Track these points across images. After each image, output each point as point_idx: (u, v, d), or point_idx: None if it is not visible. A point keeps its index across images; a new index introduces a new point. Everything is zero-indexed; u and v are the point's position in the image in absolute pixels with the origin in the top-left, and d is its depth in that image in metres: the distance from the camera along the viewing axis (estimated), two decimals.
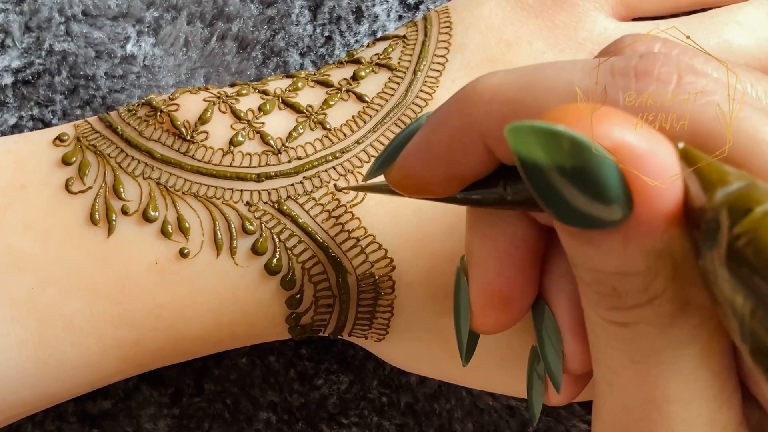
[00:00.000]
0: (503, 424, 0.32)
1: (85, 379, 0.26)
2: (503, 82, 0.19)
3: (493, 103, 0.19)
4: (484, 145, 0.19)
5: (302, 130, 0.27)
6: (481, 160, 0.20)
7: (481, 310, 0.22)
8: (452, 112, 0.20)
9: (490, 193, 0.20)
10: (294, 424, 0.32)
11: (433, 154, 0.20)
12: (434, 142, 0.20)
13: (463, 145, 0.20)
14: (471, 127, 0.19)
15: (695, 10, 0.31)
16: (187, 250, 0.26)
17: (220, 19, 0.34)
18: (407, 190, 0.22)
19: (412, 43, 0.29)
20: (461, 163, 0.20)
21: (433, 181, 0.21)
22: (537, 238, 0.22)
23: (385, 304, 0.27)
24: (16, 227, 0.26)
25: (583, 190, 0.16)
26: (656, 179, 0.16)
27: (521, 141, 0.16)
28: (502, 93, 0.19)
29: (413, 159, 0.21)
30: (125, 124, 0.28)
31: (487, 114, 0.19)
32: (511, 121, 0.17)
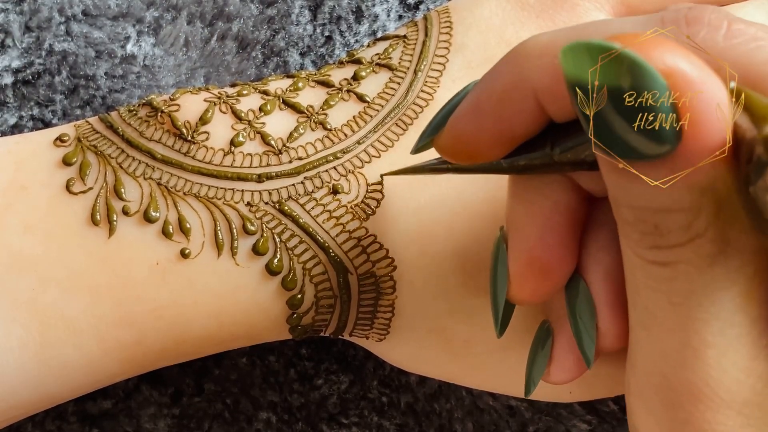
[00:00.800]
0: (503, 424, 0.32)
1: (86, 379, 0.26)
2: (554, 38, 0.19)
3: (544, 56, 0.19)
4: (535, 101, 0.19)
5: (303, 131, 0.27)
6: (531, 117, 0.20)
7: (520, 278, 0.22)
8: (503, 69, 0.20)
9: (537, 156, 0.20)
10: (294, 424, 0.32)
11: (484, 112, 0.20)
12: (485, 100, 0.20)
13: (514, 101, 0.20)
14: (522, 83, 0.19)
15: None
16: (188, 250, 0.26)
17: (220, 19, 0.34)
18: (457, 155, 0.22)
19: (412, 43, 0.29)
20: (512, 120, 0.20)
21: (483, 141, 0.21)
22: (579, 207, 0.22)
23: (386, 305, 0.27)
24: (17, 228, 0.26)
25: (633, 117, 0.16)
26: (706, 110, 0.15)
27: (575, 62, 0.16)
28: (554, 47, 0.19)
29: (463, 120, 0.21)
30: (126, 124, 0.28)
31: (539, 68, 0.19)
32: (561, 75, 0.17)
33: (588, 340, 0.22)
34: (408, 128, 0.28)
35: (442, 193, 0.27)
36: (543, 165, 0.20)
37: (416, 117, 0.28)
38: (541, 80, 0.19)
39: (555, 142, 0.20)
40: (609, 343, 0.22)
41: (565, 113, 0.19)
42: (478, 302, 0.27)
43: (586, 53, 0.16)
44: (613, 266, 0.21)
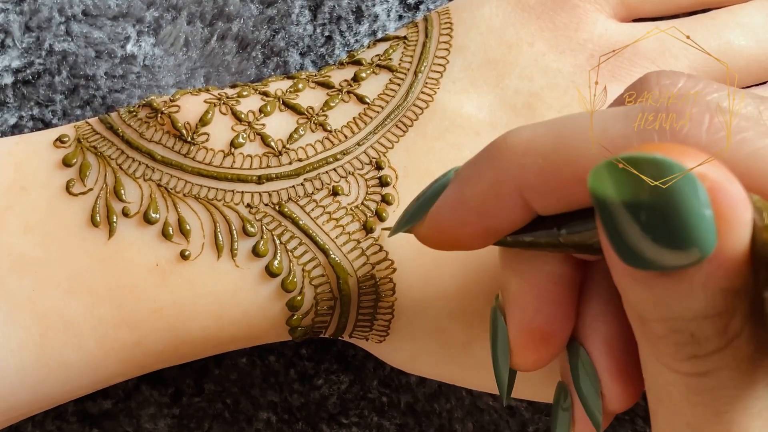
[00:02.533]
0: (503, 424, 0.32)
1: (86, 380, 0.26)
2: (535, 134, 0.19)
3: (527, 155, 0.19)
4: (520, 198, 0.20)
5: (303, 132, 0.27)
6: (517, 213, 0.20)
7: (522, 348, 0.22)
8: (485, 166, 0.20)
9: (543, 235, 0.20)
10: (294, 424, 0.32)
11: (467, 209, 0.21)
12: (467, 197, 0.21)
13: (499, 198, 0.20)
14: (506, 181, 0.20)
15: (696, 11, 0.31)
16: (188, 252, 0.26)
17: (220, 19, 0.34)
18: (438, 246, 0.22)
19: (412, 45, 0.29)
20: (496, 216, 0.20)
21: (467, 235, 0.21)
22: (573, 273, 0.22)
23: (385, 306, 0.27)
24: (17, 229, 0.26)
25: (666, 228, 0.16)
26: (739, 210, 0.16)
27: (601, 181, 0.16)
28: (536, 145, 0.19)
29: (445, 213, 0.21)
30: (126, 125, 0.28)
31: (522, 167, 0.19)
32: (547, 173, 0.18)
33: (595, 406, 0.22)
34: (408, 129, 0.28)
35: None
36: (548, 244, 0.20)
37: (416, 118, 0.28)
38: (526, 179, 0.19)
39: (562, 224, 0.20)
40: (614, 407, 0.22)
41: (552, 208, 0.19)
42: (477, 304, 0.27)
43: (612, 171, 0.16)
44: (610, 333, 0.21)
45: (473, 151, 0.27)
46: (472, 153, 0.27)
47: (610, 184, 0.16)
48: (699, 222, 0.15)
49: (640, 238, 0.16)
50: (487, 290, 0.26)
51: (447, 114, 0.28)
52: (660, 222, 0.16)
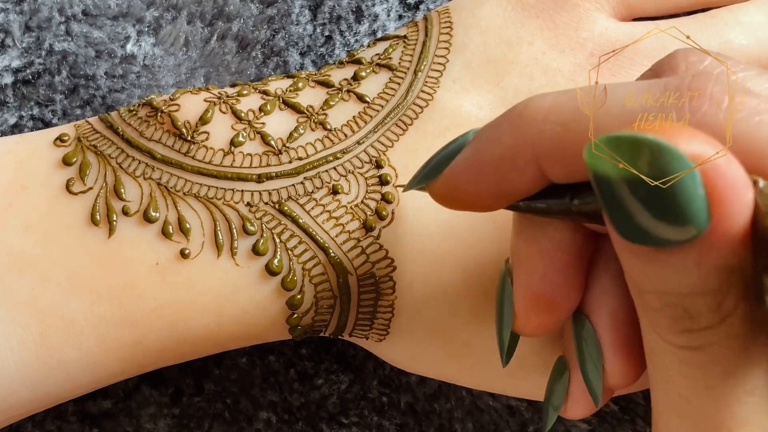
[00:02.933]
0: (503, 424, 0.32)
1: (86, 379, 0.26)
2: (556, 102, 0.19)
3: (547, 123, 0.19)
4: (536, 165, 0.20)
5: (303, 131, 0.27)
6: (531, 179, 0.20)
7: (525, 313, 0.22)
8: (504, 129, 0.20)
9: (556, 203, 0.20)
10: (294, 424, 0.32)
11: (483, 170, 0.21)
12: (484, 159, 0.20)
13: (515, 163, 0.20)
14: (524, 147, 0.19)
15: (696, 10, 0.31)
16: (188, 250, 0.26)
17: (220, 19, 0.34)
18: (451, 204, 0.22)
19: (412, 44, 0.29)
20: (511, 181, 0.20)
21: (480, 197, 0.21)
22: (584, 244, 0.22)
23: (385, 305, 0.27)
24: (17, 228, 0.26)
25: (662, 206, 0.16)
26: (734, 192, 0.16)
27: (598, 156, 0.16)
28: (556, 113, 0.19)
29: (461, 173, 0.21)
30: (126, 124, 0.28)
31: (541, 134, 0.19)
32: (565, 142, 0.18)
33: (596, 380, 0.22)
34: (408, 128, 0.28)
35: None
36: (560, 212, 0.20)
37: (416, 117, 0.28)
38: (544, 147, 0.19)
39: (575, 193, 0.20)
40: (615, 383, 0.22)
41: (566, 177, 0.19)
42: (477, 303, 0.27)
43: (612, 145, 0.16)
44: (617, 308, 0.21)
45: None
46: None
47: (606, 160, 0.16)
48: (691, 202, 0.16)
49: (636, 213, 0.16)
50: (487, 289, 0.26)
51: (447, 113, 0.28)
52: (655, 199, 0.16)
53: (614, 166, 0.16)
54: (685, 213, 0.16)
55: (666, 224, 0.16)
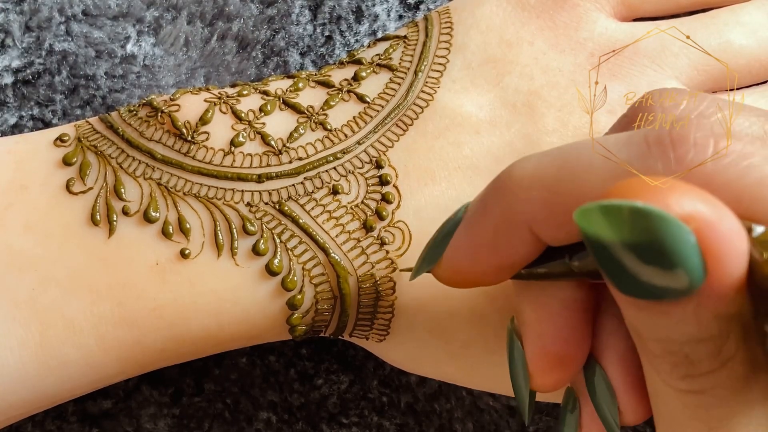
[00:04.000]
0: (503, 424, 0.32)
1: (86, 379, 0.26)
2: (539, 165, 0.19)
3: (533, 189, 0.19)
4: (529, 231, 0.20)
5: (303, 131, 0.27)
6: (528, 246, 0.20)
7: (541, 372, 0.22)
8: (492, 202, 0.20)
9: (556, 265, 0.21)
10: (294, 424, 0.32)
11: (479, 249, 0.21)
12: (479, 234, 0.21)
13: (508, 233, 0.20)
14: (514, 216, 0.20)
15: (696, 10, 0.31)
16: (188, 250, 0.26)
17: (220, 19, 0.34)
18: (459, 285, 0.22)
19: (413, 44, 0.29)
20: (508, 253, 0.20)
21: (483, 273, 0.21)
22: (586, 296, 0.22)
23: (386, 305, 0.27)
24: (17, 227, 0.26)
25: (656, 263, 0.16)
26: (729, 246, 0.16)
27: (589, 221, 0.16)
28: (540, 177, 0.19)
29: (459, 254, 0.22)
30: (126, 124, 0.28)
31: (528, 201, 0.19)
32: (553, 205, 0.18)
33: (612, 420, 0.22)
34: (408, 129, 0.28)
35: (443, 194, 0.27)
36: (561, 274, 0.21)
37: (416, 117, 0.28)
38: (534, 213, 0.19)
39: (572, 252, 0.20)
40: (630, 421, 0.22)
41: (561, 240, 0.19)
42: (477, 303, 0.27)
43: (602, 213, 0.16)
44: (625, 350, 0.22)
45: (473, 150, 0.27)
46: (472, 151, 0.27)
47: (597, 224, 0.16)
48: (687, 259, 0.16)
49: (633, 270, 0.16)
50: (488, 289, 0.26)
51: (447, 113, 0.28)
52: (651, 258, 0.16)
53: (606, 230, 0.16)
54: (681, 269, 0.16)
55: (663, 279, 0.16)
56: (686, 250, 0.16)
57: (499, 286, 0.26)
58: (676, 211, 0.16)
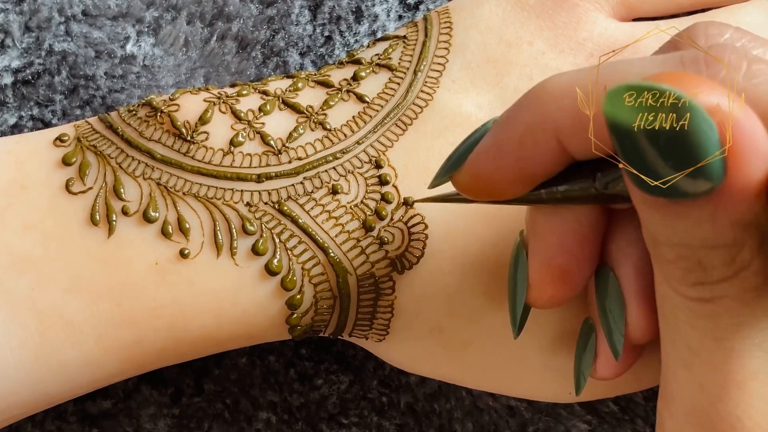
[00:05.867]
0: (503, 424, 0.32)
1: (86, 379, 0.26)
2: (574, 78, 0.19)
3: (565, 98, 0.19)
4: (556, 141, 0.20)
5: (302, 131, 0.27)
6: (553, 157, 0.20)
7: (540, 284, 0.22)
8: (523, 109, 0.20)
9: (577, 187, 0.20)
10: (294, 424, 0.32)
11: (504, 153, 0.21)
12: (505, 140, 0.21)
13: (535, 141, 0.20)
14: (543, 124, 0.20)
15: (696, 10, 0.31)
16: (188, 250, 0.26)
17: (220, 19, 0.34)
18: (476, 193, 0.22)
19: (412, 44, 0.29)
20: (533, 161, 0.20)
21: (503, 181, 0.21)
22: (600, 215, 0.22)
23: (385, 305, 0.27)
24: (17, 227, 0.26)
25: (677, 155, 0.16)
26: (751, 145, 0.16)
27: (617, 104, 0.16)
28: (574, 88, 0.19)
29: (483, 159, 0.21)
30: (125, 124, 0.28)
31: (561, 110, 0.19)
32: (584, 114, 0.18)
33: (617, 332, 0.22)
34: (407, 128, 0.28)
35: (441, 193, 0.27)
36: (582, 197, 0.20)
37: (416, 117, 0.28)
38: (563, 121, 0.19)
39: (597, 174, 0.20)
40: (637, 335, 0.22)
41: (587, 152, 0.19)
42: (477, 303, 0.27)
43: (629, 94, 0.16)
44: (642, 260, 0.22)
45: None
46: None
47: (625, 109, 0.16)
48: (708, 154, 0.16)
49: (653, 163, 0.16)
50: (487, 289, 0.26)
51: (446, 113, 0.28)
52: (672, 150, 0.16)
53: (632, 115, 0.16)
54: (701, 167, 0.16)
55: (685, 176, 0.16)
56: (707, 142, 0.15)
57: (499, 288, 0.26)
58: (703, 101, 0.15)
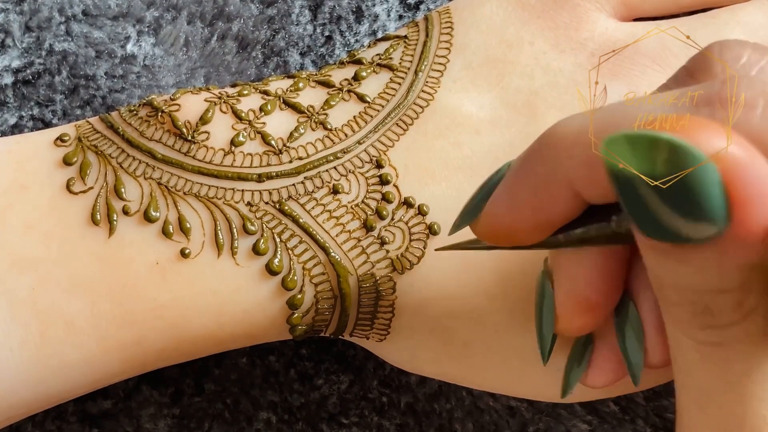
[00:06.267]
0: (503, 424, 0.32)
1: (86, 379, 0.26)
2: (583, 124, 0.19)
3: (576, 147, 0.19)
4: (570, 190, 0.20)
5: (303, 131, 0.27)
6: (568, 204, 0.20)
7: (568, 316, 0.23)
8: (536, 159, 0.20)
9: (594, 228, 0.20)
10: (294, 424, 0.32)
11: (520, 202, 0.21)
12: (520, 191, 0.21)
13: (550, 191, 0.20)
14: (556, 174, 0.19)
15: (696, 10, 0.31)
16: (188, 250, 0.26)
17: (220, 19, 0.34)
18: (496, 241, 0.22)
19: (413, 44, 0.29)
20: (549, 209, 0.20)
21: (522, 229, 0.21)
22: (622, 247, 0.22)
23: (386, 305, 0.27)
24: (18, 227, 0.26)
25: (679, 202, 0.16)
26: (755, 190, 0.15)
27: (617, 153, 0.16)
28: (585, 136, 0.19)
29: (500, 208, 0.21)
30: (126, 124, 0.28)
31: (571, 158, 0.19)
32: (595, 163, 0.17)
33: (636, 359, 0.22)
34: (408, 128, 0.28)
35: (443, 193, 0.27)
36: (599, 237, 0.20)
37: (417, 117, 0.28)
38: (576, 171, 0.19)
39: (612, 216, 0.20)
40: (656, 361, 0.22)
41: (603, 198, 0.19)
42: (478, 303, 0.27)
43: (628, 144, 0.16)
44: None
45: (473, 150, 0.27)
46: (473, 151, 0.27)
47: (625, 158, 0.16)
48: (710, 199, 0.15)
49: (656, 210, 0.16)
50: (488, 289, 0.26)
51: (447, 112, 0.28)
52: (674, 196, 0.16)
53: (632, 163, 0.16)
54: (704, 211, 0.15)
55: (686, 221, 0.16)
56: (710, 190, 0.15)
57: (500, 287, 0.26)
58: (705, 148, 0.15)
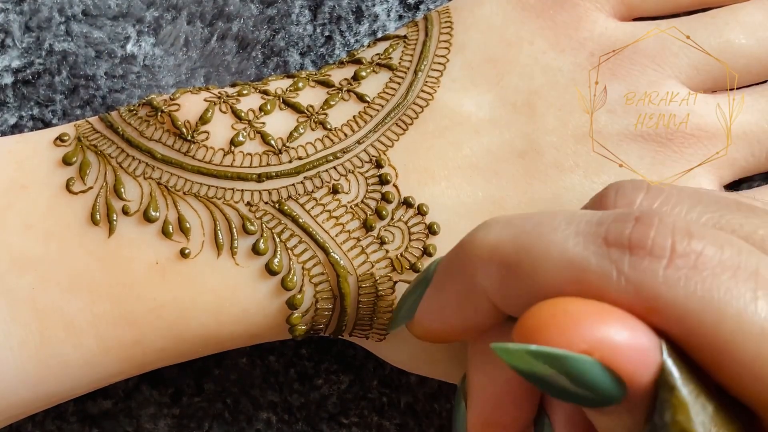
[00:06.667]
0: None
1: (86, 379, 0.26)
2: (499, 240, 0.20)
3: (491, 264, 0.20)
4: (489, 301, 0.21)
5: (303, 130, 0.27)
6: (491, 313, 0.21)
7: None
8: (456, 269, 0.21)
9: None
10: (294, 424, 0.32)
11: (446, 310, 0.22)
12: (445, 298, 0.22)
13: (471, 301, 0.21)
14: (474, 287, 0.21)
15: (696, 9, 0.31)
16: (188, 250, 0.26)
17: (220, 19, 0.34)
18: (433, 341, 0.23)
19: (413, 43, 0.29)
20: (473, 318, 0.21)
21: (452, 333, 0.22)
22: None
23: (385, 305, 0.27)
24: (17, 227, 0.26)
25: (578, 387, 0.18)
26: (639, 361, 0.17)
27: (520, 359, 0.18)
28: (499, 253, 0.20)
29: (430, 314, 0.23)
30: (126, 124, 0.28)
31: (487, 275, 0.20)
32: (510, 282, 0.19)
33: None
34: (408, 128, 0.28)
35: (443, 193, 0.27)
36: None
37: (416, 117, 0.28)
38: (491, 285, 0.20)
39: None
40: None
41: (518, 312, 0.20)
42: None
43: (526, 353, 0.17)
44: (573, 409, 0.22)
45: (473, 149, 0.27)
46: (472, 151, 0.27)
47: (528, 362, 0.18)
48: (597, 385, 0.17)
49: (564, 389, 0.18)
50: None
51: (447, 112, 0.28)
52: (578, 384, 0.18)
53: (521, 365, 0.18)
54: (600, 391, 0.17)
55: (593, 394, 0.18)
56: (594, 378, 0.17)
57: None
58: (579, 346, 0.17)
